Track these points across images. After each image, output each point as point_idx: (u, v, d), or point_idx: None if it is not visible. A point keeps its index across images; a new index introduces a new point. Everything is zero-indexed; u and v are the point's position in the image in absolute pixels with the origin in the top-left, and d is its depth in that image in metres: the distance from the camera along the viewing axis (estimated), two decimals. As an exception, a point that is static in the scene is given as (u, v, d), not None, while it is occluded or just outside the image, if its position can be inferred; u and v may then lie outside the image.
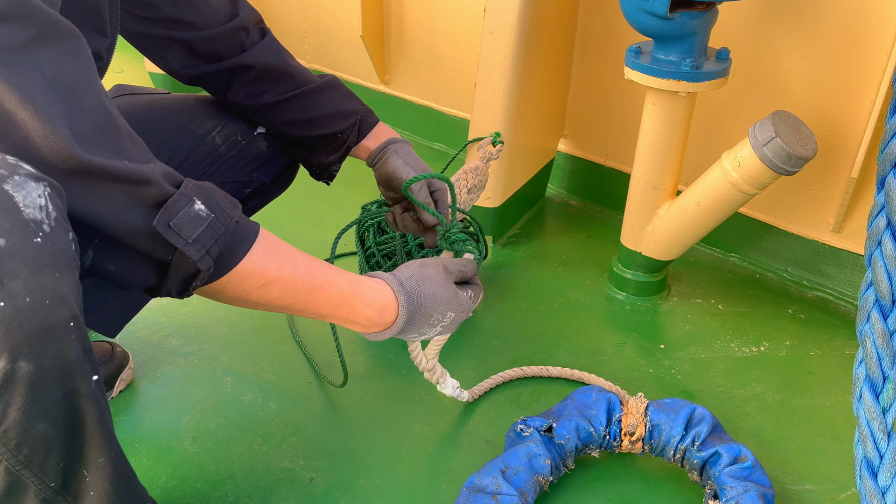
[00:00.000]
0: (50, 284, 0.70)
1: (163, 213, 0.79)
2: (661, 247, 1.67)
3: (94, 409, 0.80)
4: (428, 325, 1.04)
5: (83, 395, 0.78)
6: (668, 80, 1.48)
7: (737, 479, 1.16)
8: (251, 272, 0.88)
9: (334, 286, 0.95)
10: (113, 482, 0.86)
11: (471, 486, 1.17)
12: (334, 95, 1.31)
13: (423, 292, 1.02)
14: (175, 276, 0.83)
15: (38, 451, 0.77)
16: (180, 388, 1.45)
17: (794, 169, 1.44)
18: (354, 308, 0.97)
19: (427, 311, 1.02)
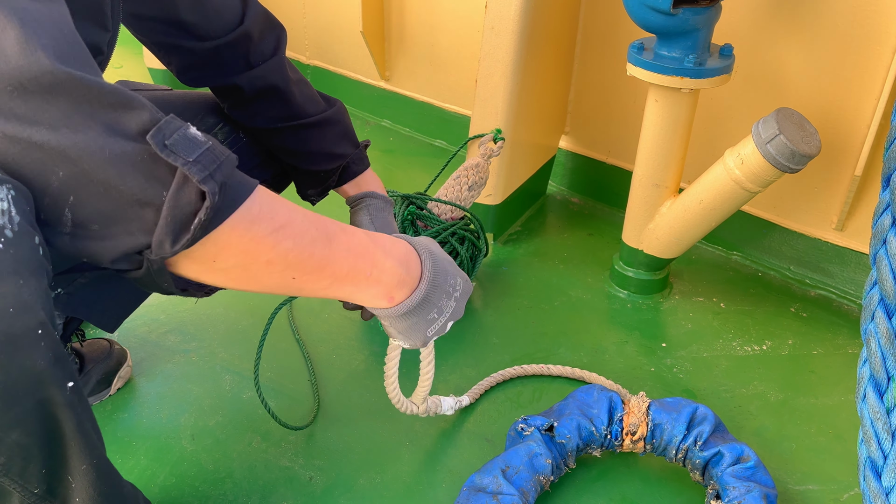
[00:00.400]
0: (12, 292, 0.67)
1: (156, 132, 0.68)
2: (663, 245, 1.66)
3: (71, 417, 0.78)
4: (445, 294, 0.94)
5: (58, 403, 0.76)
6: (671, 76, 1.46)
7: (739, 480, 1.15)
8: (259, 214, 0.74)
9: (350, 233, 0.83)
10: (97, 488, 0.84)
11: (471, 486, 1.16)
12: (328, 134, 1.28)
13: (436, 253, 0.94)
14: (173, 217, 0.69)
15: (15, 459, 0.75)
16: (179, 386, 1.44)
17: (798, 167, 1.43)
18: (377, 259, 0.85)
19: (444, 273, 0.93)
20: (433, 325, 0.95)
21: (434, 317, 0.94)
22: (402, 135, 2.49)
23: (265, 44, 1.23)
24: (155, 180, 0.68)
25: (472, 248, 1.65)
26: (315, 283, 0.80)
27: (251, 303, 1.66)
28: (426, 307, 0.92)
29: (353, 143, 1.32)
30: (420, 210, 1.62)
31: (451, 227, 1.60)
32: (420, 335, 0.96)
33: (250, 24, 1.19)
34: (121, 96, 0.68)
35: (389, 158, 2.35)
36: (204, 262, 0.74)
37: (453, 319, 0.97)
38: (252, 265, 0.75)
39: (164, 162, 0.68)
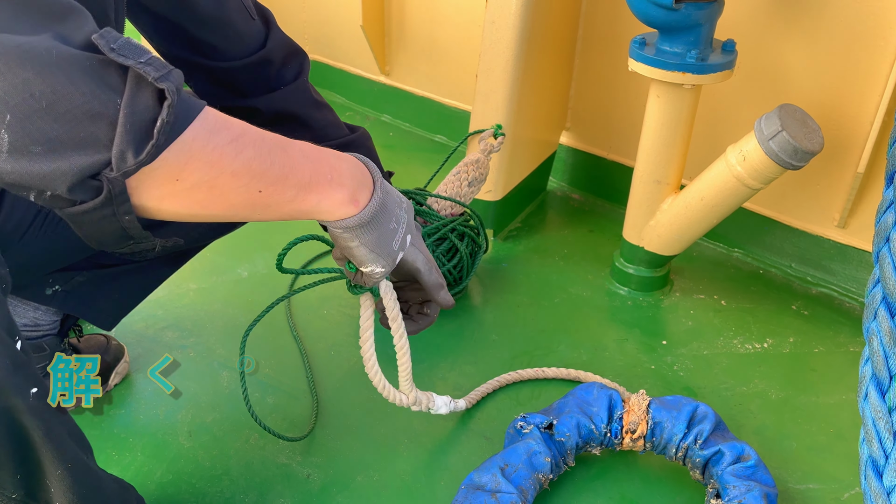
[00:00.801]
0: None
1: (101, 36, 0.62)
2: (664, 241, 1.65)
3: (37, 425, 0.76)
4: (396, 204, 0.91)
5: (21, 410, 0.74)
6: (673, 72, 1.45)
7: (740, 479, 1.15)
8: (216, 124, 0.69)
9: (299, 142, 0.80)
10: (75, 491, 0.83)
11: (470, 484, 1.15)
12: None
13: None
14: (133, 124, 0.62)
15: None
16: (176, 383, 1.43)
17: (801, 163, 1.42)
18: (332, 162, 0.81)
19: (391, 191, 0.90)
20: (395, 236, 0.90)
21: (395, 226, 0.90)
22: (402, 130, 2.47)
23: (287, 69, 1.22)
24: (106, 86, 0.61)
25: (471, 244, 1.64)
26: (281, 193, 0.76)
27: (249, 299, 1.66)
28: (387, 214, 0.88)
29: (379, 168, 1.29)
30: (419, 206, 1.60)
31: (450, 223, 1.59)
32: (388, 249, 0.90)
33: (272, 50, 1.18)
34: (65, 5, 0.63)
35: (389, 154, 2.33)
36: (167, 182, 0.67)
37: (409, 233, 0.94)
38: (218, 179, 0.69)
39: (114, 66, 0.62)
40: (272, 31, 1.21)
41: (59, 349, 1.30)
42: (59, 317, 1.31)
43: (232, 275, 1.73)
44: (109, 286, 1.27)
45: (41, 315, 1.26)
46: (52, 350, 1.28)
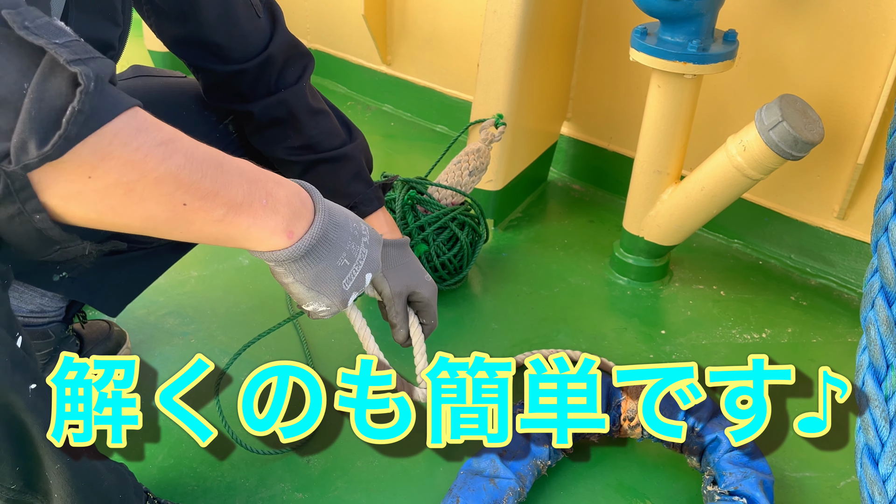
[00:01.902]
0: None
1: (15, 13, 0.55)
2: (664, 232, 1.66)
3: (36, 421, 0.76)
4: (351, 237, 0.83)
5: (20, 407, 0.74)
6: (674, 62, 1.45)
7: (736, 466, 1.15)
8: (144, 123, 0.62)
9: (237, 160, 0.73)
10: (74, 486, 0.84)
11: (468, 469, 1.16)
12: (340, 171, 1.23)
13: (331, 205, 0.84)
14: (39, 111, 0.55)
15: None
16: (177, 368, 1.43)
17: (801, 154, 1.42)
18: (269, 187, 0.74)
19: (344, 213, 0.84)
20: (347, 273, 0.83)
21: (346, 263, 0.82)
22: (404, 120, 2.47)
23: (289, 71, 1.19)
24: (14, 68, 0.55)
25: (472, 233, 1.64)
26: (209, 211, 0.68)
27: (251, 286, 1.66)
28: (332, 249, 0.80)
29: (365, 182, 1.26)
30: (420, 195, 1.61)
31: (451, 212, 1.60)
32: (334, 287, 0.83)
33: (275, 50, 1.16)
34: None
35: (390, 143, 2.34)
36: (78, 178, 0.59)
37: (370, 271, 0.86)
38: (138, 183, 0.62)
39: (26, 46, 0.55)
40: (278, 29, 1.18)
41: (63, 335, 1.31)
42: (65, 303, 1.32)
43: (233, 262, 1.74)
44: (115, 273, 1.28)
45: (48, 301, 1.27)
46: (58, 337, 1.28)
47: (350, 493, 1.21)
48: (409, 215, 1.57)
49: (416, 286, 1.08)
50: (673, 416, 1.23)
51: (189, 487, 1.21)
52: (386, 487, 1.23)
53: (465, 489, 1.12)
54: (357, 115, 2.49)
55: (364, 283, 0.87)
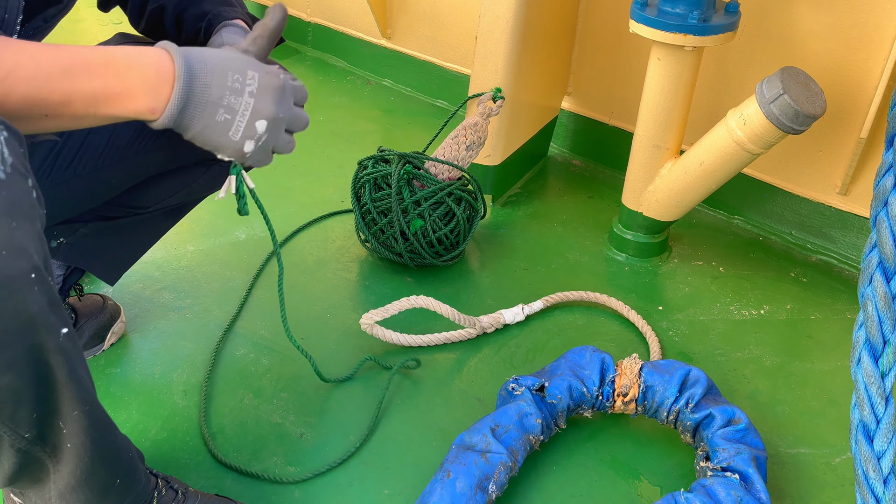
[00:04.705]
0: (6, 234, 0.67)
1: None
2: (663, 207, 1.64)
3: (63, 363, 0.78)
4: (229, 90, 0.84)
5: (50, 348, 0.76)
6: (675, 33, 1.43)
7: (729, 441, 1.15)
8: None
9: (86, 55, 0.78)
10: (89, 434, 0.84)
11: (460, 444, 1.16)
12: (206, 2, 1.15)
13: (205, 54, 0.85)
14: None
15: (6, 402, 0.76)
16: (172, 343, 1.44)
17: (802, 128, 1.40)
18: (121, 73, 0.79)
19: (217, 69, 0.84)
20: (231, 126, 0.85)
21: (226, 118, 0.84)
22: (404, 94, 2.45)
23: None
24: None
25: (468, 208, 1.63)
26: (71, 112, 0.77)
27: (247, 261, 1.66)
28: (205, 109, 0.83)
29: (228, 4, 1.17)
30: (417, 169, 1.59)
31: (447, 186, 1.58)
32: (223, 140, 0.86)
33: None
34: None
35: (390, 118, 2.32)
36: None
37: (262, 118, 0.87)
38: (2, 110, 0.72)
39: None
40: None
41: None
42: (63, 271, 1.32)
43: (230, 237, 1.73)
44: (112, 239, 1.28)
45: None
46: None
47: (343, 466, 1.22)
48: (405, 190, 1.56)
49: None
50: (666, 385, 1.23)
51: (182, 461, 1.22)
52: (378, 461, 1.23)
53: (456, 463, 1.12)
54: (357, 90, 2.47)
55: (257, 131, 0.88)
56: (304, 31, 2.66)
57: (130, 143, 1.14)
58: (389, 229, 1.58)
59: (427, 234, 1.57)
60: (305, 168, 2.01)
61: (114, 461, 0.91)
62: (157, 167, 1.21)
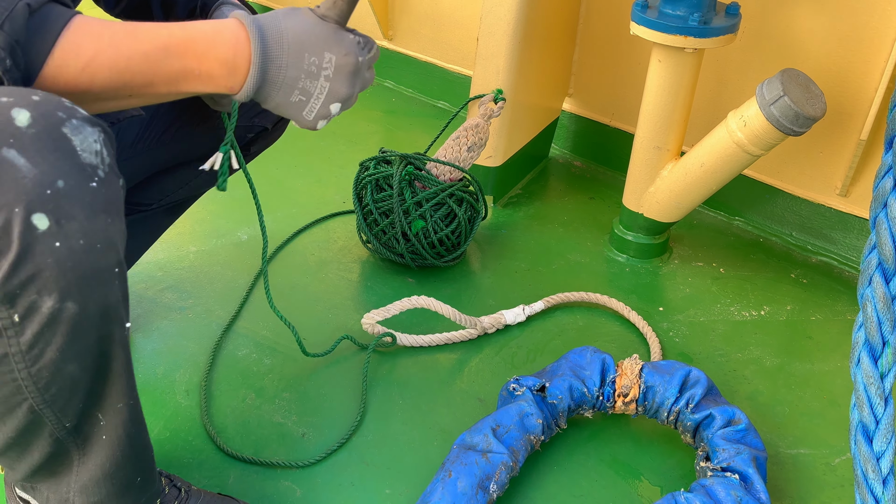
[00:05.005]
0: (102, 229, 0.72)
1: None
2: (664, 208, 1.64)
3: (122, 355, 0.81)
4: (304, 73, 0.86)
5: (115, 340, 0.79)
6: (675, 35, 1.43)
7: (729, 442, 1.15)
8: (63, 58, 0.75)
9: (165, 35, 0.80)
10: (126, 429, 0.86)
11: (462, 444, 1.17)
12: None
13: (283, 25, 0.85)
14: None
15: (64, 391, 0.78)
16: (175, 343, 1.45)
17: (802, 129, 1.40)
18: (200, 53, 0.81)
19: (292, 48, 0.84)
20: (305, 107, 0.88)
21: (301, 99, 0.87)
22: (405, 96, 2.46)
23: None
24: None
25: (470, 209, 1.63)
26: (154, 91, 0.81)
27: (249, 262, 1.66)
28: (280, 89, 0.86)
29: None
30: (418, 170, 1.60)
31: (449, 188, 1.59)
32: (297, 117, 0.90)
33: None
34: None
35: (391, 119, 2.33)
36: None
37: (336, 101, 0.89)
38: (85, 98, 0.77)
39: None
40: None
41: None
42: None
43: (232, 237, 1.74)
44: None
45: None
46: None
47: (345, 466, 1.22)
48: (406, 191, 1.56)
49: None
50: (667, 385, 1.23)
51: (185, 460, 1.22)
52: (380, 461, 1.23)
53: (457, 463, 1.12)
54: (358, 91, 2.47)
55: (331, 112, 0.91)
56: (306, 32, 2.66)
57: (135, 141, 1.15)
58: (391, 230, 1.59)
59: (428, 235, 1.58)
60: (307, 169, 2.01)
61: (140, 458, 0.92)
62: (161, 164, 1.22)
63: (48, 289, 0.70)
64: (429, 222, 1.57)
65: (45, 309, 0.72)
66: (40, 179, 0.67)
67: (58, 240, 0.69)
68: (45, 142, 0.68)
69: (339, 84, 0.88)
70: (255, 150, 1.34)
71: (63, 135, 0.69)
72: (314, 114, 0.89)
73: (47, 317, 0.72)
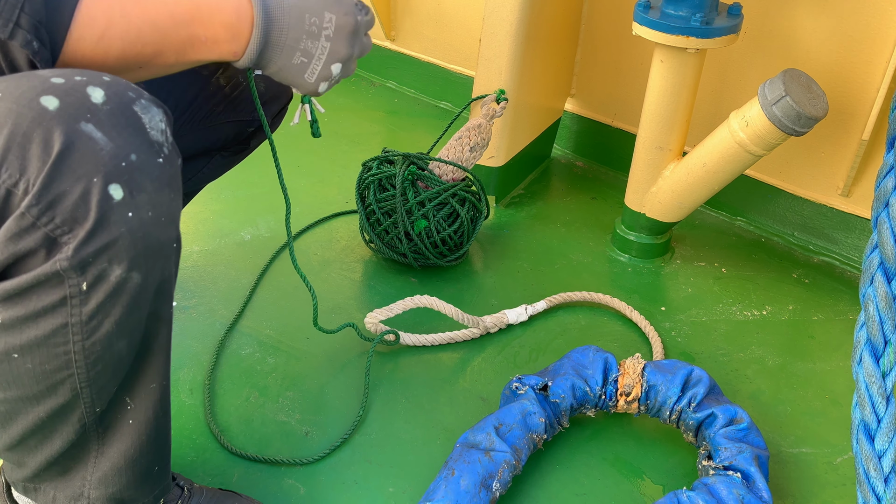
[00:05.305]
0: (167, 203, 0.74)
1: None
2: (666, 208, 1.65)
3: (165, 335, 0.83)
4: (306, 34, 0.87)
5: (163, 318, 0.81)
6: (677, 35, 1.44)
7: (731, 441, 1.16)
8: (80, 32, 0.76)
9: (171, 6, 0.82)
10: (155, 410, 0.87)
11: (464, 442, 1.17)
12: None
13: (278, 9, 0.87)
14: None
15: (108, 370, 0.79)
16: (178, 342, 1.45)
17: (804, 129, 1.41)
18: (205, 20, 0.83)
19: (294, 9, 0.86)
20: (307, 69, 0.90)
21: (303, 61, 0.89)
22: (407, 96, 2.46)
23: None
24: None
25: (472, 209, 1.64)
26: (163, 61, 0.83)
27: (252, 261, 1.67)
28: (282, 52, 0.88)
29: None
30: (421, 170, 1.61)
31: (451, 188, 1.59)
32: (298, 80, 0.92)
33: None
34: None
35: (394, 120, 2.33)
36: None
37: (337, 61, 0.91)
38: (103, 68, 0.79)
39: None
40: None
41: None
42: None
43: (235, 237, 1.75)
44: None
45: None
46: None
47: (349, 464, 1.23)
48: (409, 191, 1.57)
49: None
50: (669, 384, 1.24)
51: (189, 458, 1.23)
52: (383, 459, 1.24)
53: (460, 462, 1.13)
54: (361, 91, 2.48)
55: (332, 73, 0.92)
56: (309, 32, 2.67)
57: None
58: (394, 230, 1.59)
59: (431, 235, 1.58)
60: (310, 169, 2.02)
61: (162, 445, 0.92)
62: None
63: (119, 258, 0.73)
64: (431, 222, 1.57)
65: (112, 278, 0.73)
66: (116, 152, 0.71)
67: (130, 210, 0.71)
68: (118, 118, 0.72)
69: (340, 44, 0.90)
70: (254, 145, 1.36)
71: (134, 112, 0.73)
72: (316, 75, 0.90)
73: (114, 286, 0.74)
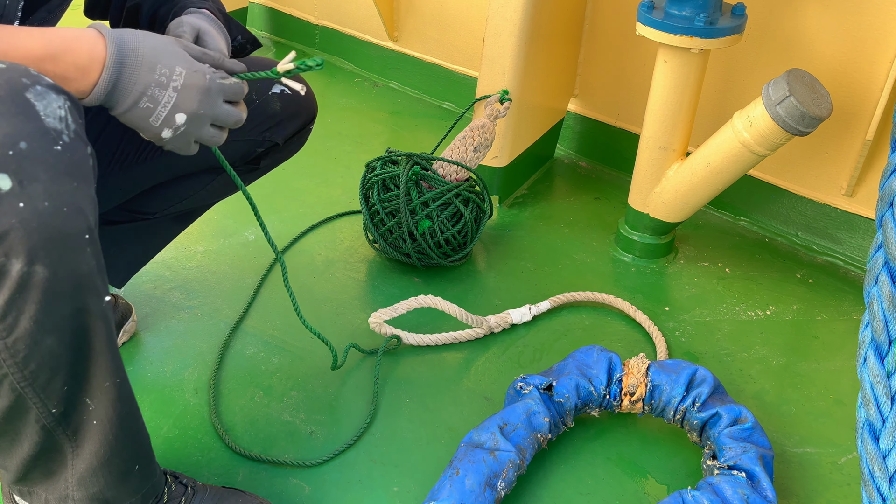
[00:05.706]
0: (68, 192, 0.72)
1: None
2: (669, 208, 1.65)
3: (102, 329, 0.80)
4: (154, 83, 0.88)
5: (93, 312, 0.78)
6: (681, 36, 1.44)
7: (736, 440, 1.16)
8: None
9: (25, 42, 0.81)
10: (116, 409, 0.86)
11: (469, 442, 1.17)
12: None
13: (141, 39, 0.88)
14: None
15: (44, 368, 0.78)
16: (183, 342, 1.46)
17: (808, 129, 1.41)
18: (57, 57, 0.83)
19: (146, 57, 0.87)
20: (152, 114, 0.90)
21: (149, 106, 0.89)
22: (410, 97, 2.47)
23: None
24: None
25: (476, 209, 1.64)
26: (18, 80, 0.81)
27: (256, 261, 1.67)
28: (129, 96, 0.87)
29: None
30: (425, 171, 1.61)
31: (455, 188, 1.59)
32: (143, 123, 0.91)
33: None
34: None
35: (397, 120, 2.34)
36: None
37: (183, 112, 0.91)
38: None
39: None
40: None
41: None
42: None
43: (239, 237, 1.75)
44: (120, 243, 1.29)
45: None
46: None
47: (353, 464, 1.23)
48: (413, 191, 1.57)
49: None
50: (673, 384, 1.24)
51: (194, 458, 1.23)
52: (388, 459, 1.24)
53: (465, 461, 1.13)
54: (364, 92, 2.48)
55: (176, 122, 0.92)
56: (312, 33, 2.68)
57: (138, 151, 1.15)
58: (398, 230, 1.60)
59: (435, 235, 1.58)
60: (314, 169, 2.02)
61: (135, 443, 0.92)
62: (163, 175, 1.22)
63: (15, 250, 0.70)
64: (435, 222, 1.57)
65: (14, 272, 0.72)
66: (1, 141, 0.69)
67: (21, 200, 0.69)
68: (7, 105, 0.70)
69: (187, 97, 0.90)
70: (265, 165, 1.32)
71: (26, 100, 0.71)
72: (160, 121, 0.90)
73: (17, 281, 0.72)
